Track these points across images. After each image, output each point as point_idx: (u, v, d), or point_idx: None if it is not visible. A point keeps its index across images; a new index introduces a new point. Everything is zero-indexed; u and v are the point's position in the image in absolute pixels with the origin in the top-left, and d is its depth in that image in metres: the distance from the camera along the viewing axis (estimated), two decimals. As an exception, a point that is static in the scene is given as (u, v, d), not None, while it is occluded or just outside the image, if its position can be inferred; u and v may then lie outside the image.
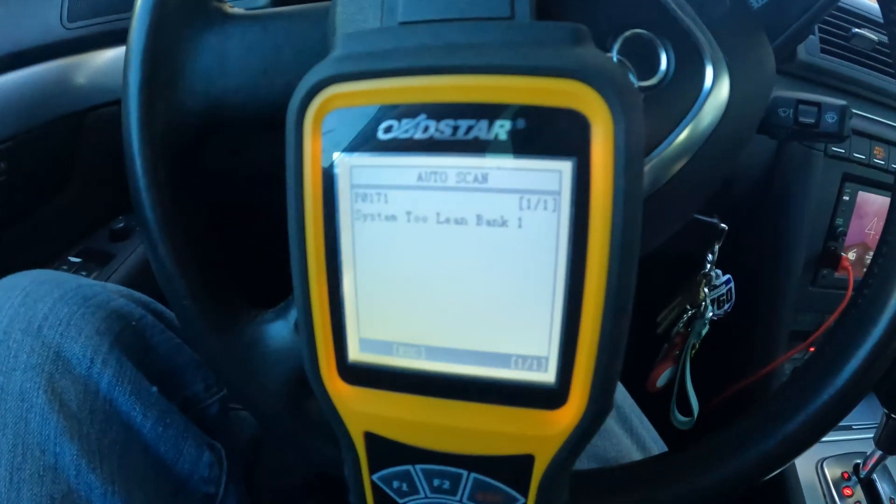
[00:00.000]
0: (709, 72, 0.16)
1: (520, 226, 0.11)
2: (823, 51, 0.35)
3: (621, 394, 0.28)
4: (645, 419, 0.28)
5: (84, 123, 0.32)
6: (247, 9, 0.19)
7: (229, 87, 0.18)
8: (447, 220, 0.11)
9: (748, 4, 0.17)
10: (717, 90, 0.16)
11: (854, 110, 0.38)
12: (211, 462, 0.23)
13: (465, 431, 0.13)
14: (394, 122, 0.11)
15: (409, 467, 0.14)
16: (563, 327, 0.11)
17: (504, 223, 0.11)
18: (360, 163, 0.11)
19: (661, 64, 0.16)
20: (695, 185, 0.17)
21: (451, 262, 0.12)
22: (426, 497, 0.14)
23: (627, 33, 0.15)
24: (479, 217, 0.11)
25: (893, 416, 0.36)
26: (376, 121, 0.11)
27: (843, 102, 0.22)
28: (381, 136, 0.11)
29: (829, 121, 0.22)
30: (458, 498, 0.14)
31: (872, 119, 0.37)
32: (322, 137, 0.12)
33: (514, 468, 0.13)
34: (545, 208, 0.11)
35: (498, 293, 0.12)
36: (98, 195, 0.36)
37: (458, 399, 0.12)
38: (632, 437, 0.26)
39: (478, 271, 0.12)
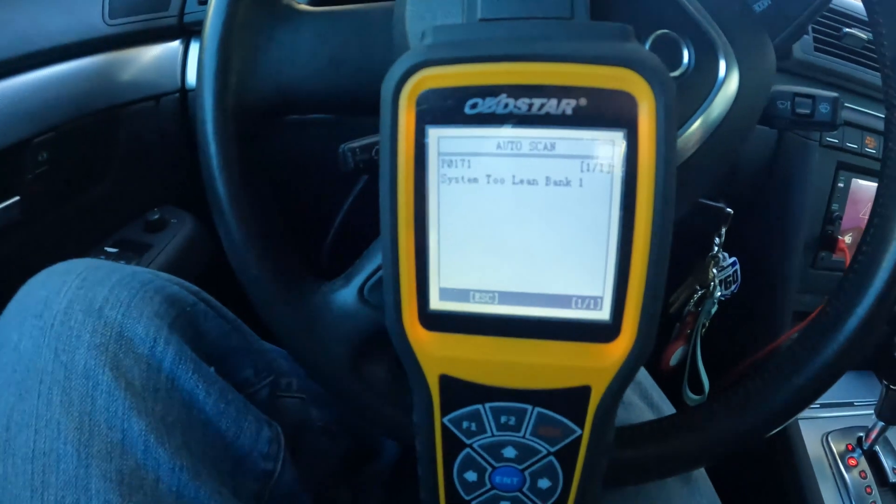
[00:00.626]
0: (722, 65, 0.19)
1: (581, 185, 0.14)
2: (817, 49, 0.39)
3: (641, 371, 0.31)
4: (663, 395, 0.30)
5: (122, 117, 0.35)
6: (309, 3, 0.22)
7: (299, 74, 0.20)
8: (521, 182, 0.14)
9: (751, 8, 0.20)
10: (729, 81, 0.19)
11: (846, 104, 0.42)
12: (269, 438, 0.24)
13: (531, 367, 0.15)
14: (478, 100, 0.14)
15: (479, 406, 0.16)
16: (616, 271, 0.14)
17: (568, 183, 0.14)
18: (447, 134, 0.14)
19: (683, 58, 0.19)
20: (707, 165, 0.20)
21: (523, 218, 0.14)
22: (492, 435, 0.16)
23: (658, 32, 0.18)
24: (547, 178, 0.14)
25: (893, 387, 0.39)
26: (463, 99, 0.14)
27: (835, 94, 0.25)
28: (467, 111, 0.14)
29: (823, 111, 0.25)
30: (521, 434, 0.16)
31: (864, 112, 0.41)
32: (416, 112, 0.14)
33: (573, 400, 0.15)
34: (602, 171, 0.14)
35: (561, 243, 0.14)
36: (134, 187, 0.38)
37: (526, 337, 0.15)
38: (653, 410, 0.29)
39: (545, 225, 0.14)
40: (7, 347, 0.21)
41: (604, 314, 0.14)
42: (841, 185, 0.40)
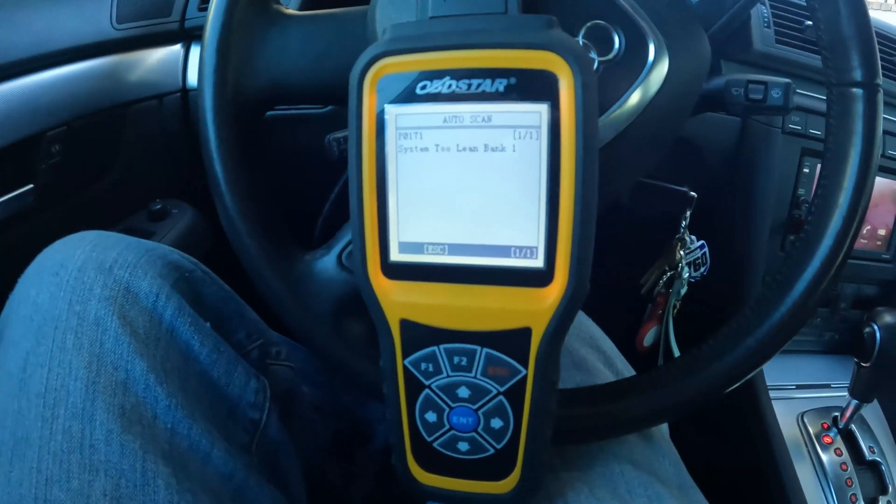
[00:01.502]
0: (651, 50, 0.22)
1: (514, 150, 0.17)
2: (778, 41, 0.42)
3: (606, 342, 0.33)
4: (628, 364, 0.32)
5: (128, 115, 0.38)
6: (298, 8, 0.25)
7: (288, 69, 0.24)
8: (464, 149, 0.17)
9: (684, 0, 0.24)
10: (659, 64, 0.22)
11: (809, 93, 0.44)
12: (257, 389, 0.27)
13: (478, 310, 0.18)
14: (427, 82, 0.17)
15: (435, 348, 0.19)
16: (547, 223, 0.17)
17: (503, 149, 0.17)
18: (402, 111, 0.17)
19: (614, 44, 0.22)
20: (646, 138, 0.23)
21: (467, 180, 0.17)
22: (447, 376, 0.19)
23: (589, 23, 0.22)
24: (485, 146, 0.17)
25: (864, 364, 0.41)
26: (415, 82, 0.17)
27: (787, 80, 0.28)
28: (418, 91, 0.17)
29: (775, 96, 0.28)
30: (473, 374, 0.19)
31: (825, 99, 0.43)
32: (377, 94, 0.17)
33: (517, 341, 0.18)
34: (531, 138, 0.17)
35: (500, 201, 0.17)
36: (138, 179, 0.41)
37: (473, 283, 0.18)
38: (616, 377, 0.31)
39: (485, 185, 0.17)
40: (27, 302, 0.23)
41: (538, 262, 0.17)
42: (807, 170, 0.43)
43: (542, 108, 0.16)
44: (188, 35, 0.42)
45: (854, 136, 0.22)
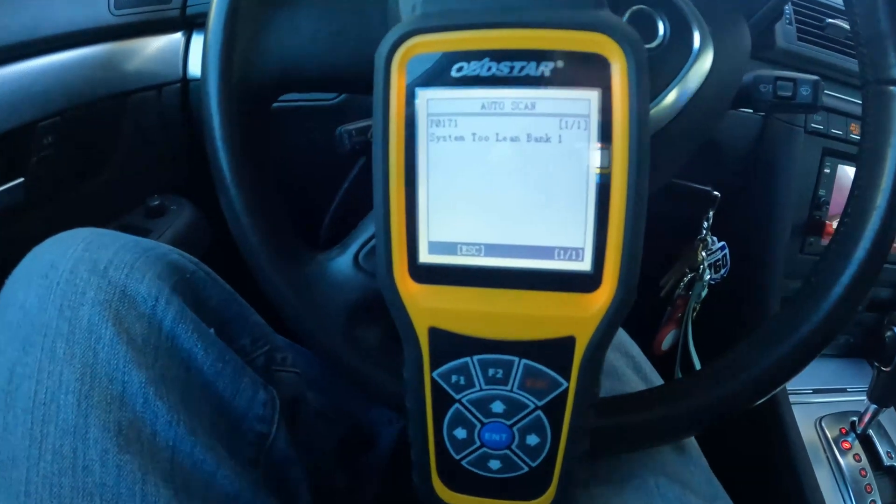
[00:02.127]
0: (696, 39, 0.20)
1: (560, 141, 0.15)
2: (800, 39, 0.41)
3: (634, 346, 0.32)
4: (654, 369, 0.31)
5: (126, 105, 0.36)
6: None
7: (300, 54, 0.22)
8: (504, 139, 0.15)
9: None
10: (703, 56, 0.21)
11: (830, 92, 0.43)
12: (265, 401, 0.25)
13: (517, 318, 0.16)
14: (464, 64, 0.15)
15: (468, 360, 0.17)
16: (596, 222, 0.15)
17: (548, 139, 0.15)
18: (435, 96, 0.15)
19: (658, 31, 0.20)
20: (683, 136, 0.21)
21: (507, 173, 0.16)
22: (481, 389, 0.17)
23: (634, 8, 0.20)
24: (528, 135, 0.15)
25: (884, 369, 0.40)
26: (450, 63, 0.15)
27: (816, 77, 0.27)
28: (453, 73, 0.15)
29: (804, 93, 0.27)
30: (509, 387, 0.17)
31: (847, 99, 0.42)
32: (406, 76, 0.15)
33: (559, 351, 0.16)
34: (579, 127, 0.15)
35: (543, 197, 0.15)
36: (136, 174, 0.39)
37: (511, 288, 0.16)
38: (645, 383, 0.30)
39: (527, 179, 0.15)
40: (14, 306, 0.21)
41: (585, 265, 0.16)
42: (827, 170, 0.42)
43: (593, 95, 0.15)
44: (190, 23, 0.40)
45: (892, 136, 0.21)
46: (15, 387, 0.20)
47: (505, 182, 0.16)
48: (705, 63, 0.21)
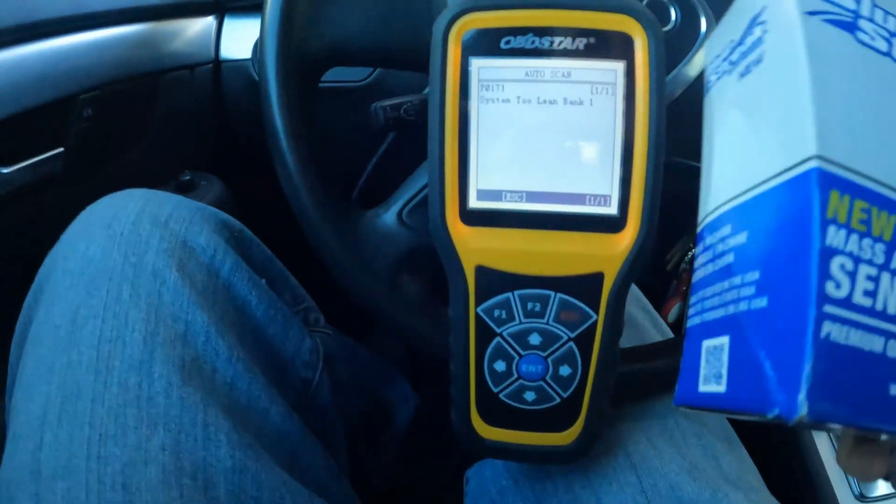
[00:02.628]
0: (703, 23, 0.24)
1: (591, 104, 0.18)
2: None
3: (649, 304, 0.34)
4: (668, 327, 0.34)
5: (161, 84, 0.38)
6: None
7: (353, 31, 0.25)
8: (544, 102, 0.18)
9: None
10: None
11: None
12: (311, 348, 0.28)
13: (553, 255, 0.19)
14: (511, 38, 0.18)
15: (509, 294, 0.20)
16: (621, 173, 0.18)
17: (581, 103, 0.18)
18: (486, 64, 0.18)
19: (671, 17, 0.24)
20: (689, 111, 0.25)
21: (546, 131, 0.19)
22: (520, 322, 0.20)
23: (649, -2, 0.24)
24: (565, 99, 0.18)
25: None
26: (499, 36, 0.18)
27: None
28: (502, 46, 0.18)
29: None
30: (545, 320, 0.20)
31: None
32: (461, 47, 0.19)
33: (589, 286, 0.19)
34: (607, 93, 0.18)
35: (576, 151, 0.19)
36: (168, 150, 0.41)
37: (549, 229, 0.19)
38: (662, 335, 0.32)
39: (563, 137, 0.19)
40: (75, 255, 0.23)
41: (612, 209, 0.19)
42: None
43: (619, 66, 0.18)
44: (222, 7, 0.42)
45: None
46: (79, 326, 0.21)
47: (544, 139, 0.19)
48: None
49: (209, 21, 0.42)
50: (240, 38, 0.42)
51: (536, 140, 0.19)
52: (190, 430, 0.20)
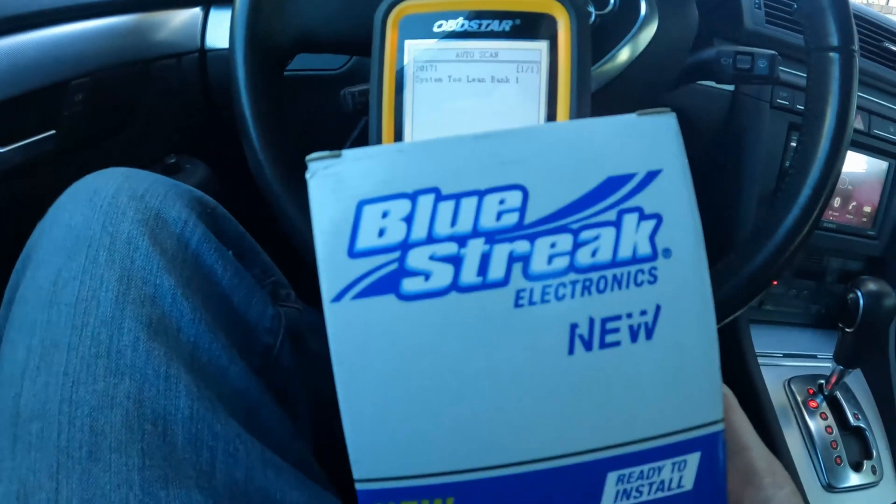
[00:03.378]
0: (643, 8, 0.25)
1: (517, 82, 0.20)
2: (768, 22, 0.45)
3: None
4: None
5: (149, 71, 0.41)
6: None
7: (318, 19, 0.27)
8: (473, 80, 0.20)
9: None
10: (649, 24, 0.26)
11: (798, 72, 0.48)
12: (273, 315, 0.29)
13: None
14: (443, 21, 0.20)
15: None
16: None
17: (507, 81, 0.20)
18: (420, 46, 0.21)
19: (609, 2, 0.25)
20: (634, 85, 0.26)
21: (475, 108, 0.21)
22: None
23: (589, -20, 0.25)
24: (492, 77, 0.20)
25: (847, 329, 0.44)
26: (432, 20, 0.20)
27: (773, 52, 0.31)
28: (434, 29, 0.20)
29: (762, 66, 0.31)
30: None
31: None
32: (398, 31, 0.21)
33: None
34: (532, 71, 0.20)
35: (504, 126, 0.21)
36: (155, 134, 0.44)
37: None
38: None
39: (491, 112, 0.21)
40: (60, 225, 0.25)
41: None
42: (794, 144, 0.47)
43: (543, 46, 0.20)
44: (208, -2, 0.45)
45: (830, 96, 0.25)
46: (60, 287, 0.23)
47: (473, 114, 0.21)
48: (650, 30, 0.26)
49: (196, 12, 0.45)
50: (225, 29, 0.44)
51: (466, 115, 0.21)
52: (153, 381, 0.22)
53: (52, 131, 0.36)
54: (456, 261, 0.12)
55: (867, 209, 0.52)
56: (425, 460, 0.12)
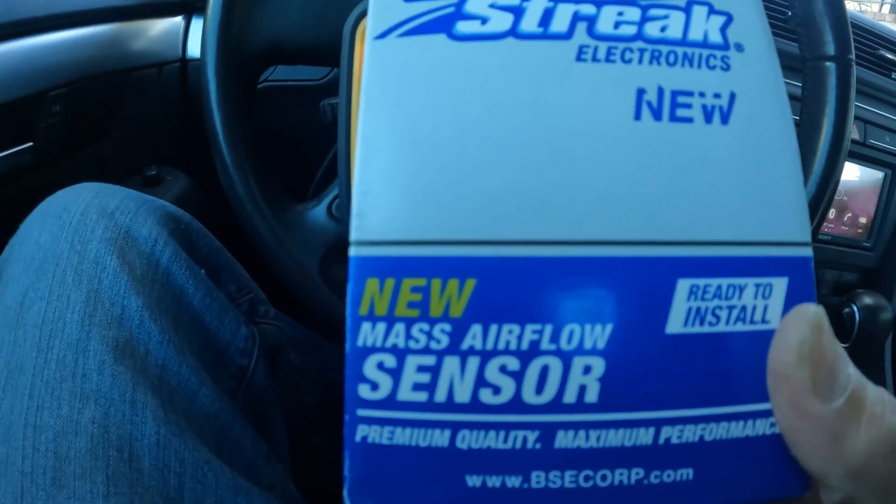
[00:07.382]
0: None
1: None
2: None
3: None
4: None
5: (128, 81, 0.41)
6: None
7: (289, 30, 0.27)
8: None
9: None
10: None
11: (792, 81, 0.47)
12: (246, 336, 0.29)
13: None
14: (411, 33, 0.20)
15: None
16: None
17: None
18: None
19: None
20: None
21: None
22: None
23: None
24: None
25: (843, 345, 0.43)
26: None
27: None
28: (403, 41, 0.20)
29: None
30: None
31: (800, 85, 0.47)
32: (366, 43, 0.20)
33: None
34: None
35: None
36: (135, 145, 0.44)
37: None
38: None
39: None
40: (29, 242, 0.25)
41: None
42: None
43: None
44: (190, 7, 0.45)
45: (827, 107, 0.24)
46: (27, 308, 0.23)
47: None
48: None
49: (177, 21, 0.45)
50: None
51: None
52: (119, 406, 0.21)
53: (30, 143, 0.36)
54: (517, 11, 0.11)
55: (862, 220, 0.52)
56: (446, 223, 0.10)
